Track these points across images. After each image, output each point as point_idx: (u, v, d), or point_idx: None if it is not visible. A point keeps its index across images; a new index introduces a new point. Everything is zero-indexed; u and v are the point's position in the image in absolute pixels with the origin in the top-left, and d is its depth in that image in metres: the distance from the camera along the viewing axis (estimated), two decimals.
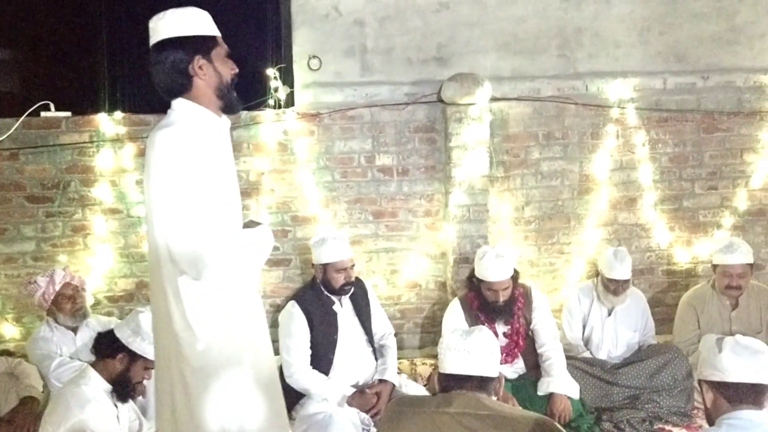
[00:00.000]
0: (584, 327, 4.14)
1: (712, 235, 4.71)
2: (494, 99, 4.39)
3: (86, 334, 3.66)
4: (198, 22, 2.24)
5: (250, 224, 2.36)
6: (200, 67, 2.21)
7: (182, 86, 2.22)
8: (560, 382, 3.68)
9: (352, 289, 3.74)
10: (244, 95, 2.48)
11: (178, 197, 2.10)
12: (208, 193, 2.14)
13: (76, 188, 4.23)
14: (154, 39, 2.23)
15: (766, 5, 4.64)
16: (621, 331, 4.08)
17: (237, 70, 2.31)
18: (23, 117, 4.08)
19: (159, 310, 2.27)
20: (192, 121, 2.20)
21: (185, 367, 2.22)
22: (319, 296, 3.71)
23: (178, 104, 2.24)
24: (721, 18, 4.62)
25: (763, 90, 4.67)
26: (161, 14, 2.22)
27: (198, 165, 2.13)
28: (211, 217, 2.13)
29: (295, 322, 3.62)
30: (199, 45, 2.21)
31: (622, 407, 3.76)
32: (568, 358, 3.84)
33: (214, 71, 2.24)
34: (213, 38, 2.26)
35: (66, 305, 3.65)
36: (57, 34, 5.16)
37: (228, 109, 2.32)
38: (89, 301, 3.84)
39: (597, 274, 4.15)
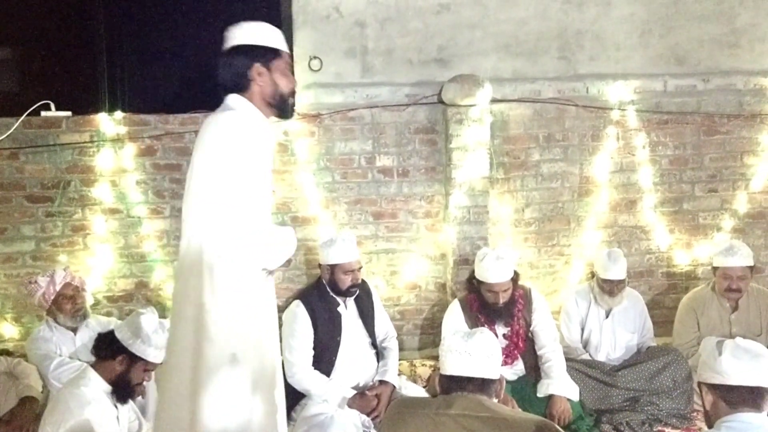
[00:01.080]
0: (582, 329, 4.14)
1: (712, 237, 4.71)
2: (495, 100, 4.39)
3: (86, 335, 3.66)
4: (266, 36, 2.47)
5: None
6: (258, 74, 2.43)
7: (240, 86, 2.44)
8: (560, 384, 3.68)
9: (358, 291, 3.74)
10: None
11: (225, 175, 2.28)
12: (250, 181, 2.34)
13: (76, 188, 4.22)
14: (228, 44, 2.46)
15: (766, 8, 4.65)
16: (619, 332, 4.08)
17: (295, 86, 2.56)
18: (23, 116, 4.08)
19: (188, 283, 2.35)
20: (248, 114, 2.42)
21: (205, 346, 2.30)
22: (325, 297, 3.71)
23: (234, 99, 2.45)
24: (722, 20, 4.62)
25: (764, 93, 4.68)
26: (239, 24, 2.47)
27: (249, 152, 2.34)
28: (249, 202, 2.33)
29: (299, 321, 3.62)
30: (261, 54, 2.44)
31: (622, 409, 3.77)
32: (567, 360, 3.84)
33: (270, 80, 2.45)
34: (276, 51, 2.48)
35: (66, 305, 3.65)
36: (57, 34, 5.16)
37: (279, 114, 2.54)
38: (89, 301, 3.84)
39: (593, 275, 4.15)
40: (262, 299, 2.44)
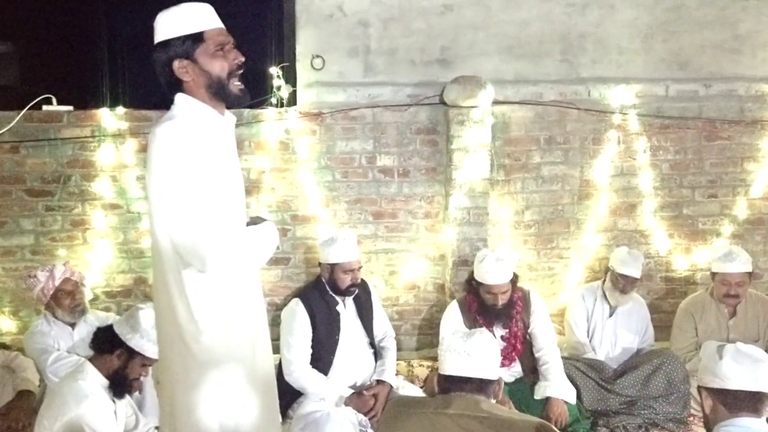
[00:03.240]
0: (587, 324, 4.15)
1: (711, 242, 4.72)
2: (496, 102, 4.39)
3: (84, 329, 3.65)
4: (183, 22, 2.17)
5: (256, 220, 2.35)
6: (182, 69, 2.17)
7: (175, 85, 2.21)
8: (557, 387, 3.68)
9: (357, 291, 3.73)
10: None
11: (178, 190, 2.09)
12: (207, 187, 2.12)
13: (76, 183, 4.22)
14: (155, 40, 2.22)
15: None
16: (621, 333, 4.11)
17: (238, 60, 2.22)
18: (25, 110, 4.07)
19: (161, 304, 2.26)
20: (191, 116, 2.18)
21: (190, 361, 2.22)
22: (324, 296, 3.70)
23: (179, 99, 2.22)
24: (724, 26, 4.62)
25: (765, 99, 4.68)
26: (160, 14, 2.20)
27: (197, 158, 2.11)
28: (211, 210, 2.12)
29: (298, 319, 3.61)
30: (178, 47, 2.16)
31: (619, 413, 3.78)
32: (571, 358, 3.85)
33: (199, 70, 2.17)
34: (196, 36, 2.16)
35: (65, 301, 3.63)
36: (59, 28, 5.15)
37: (227, 102, 2.26)
38: (88, 296, 3.83)
39: (606, 272, 4.17)
40: (247, 300, 2.32)
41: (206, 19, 2.19)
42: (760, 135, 4.70)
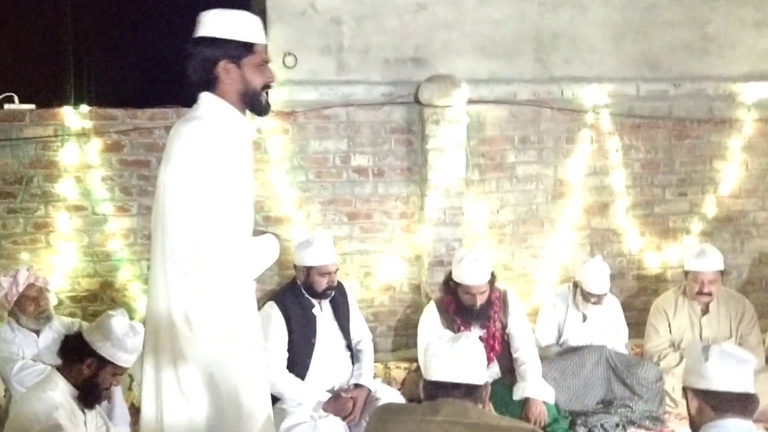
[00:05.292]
0: (560, 332, 4.14)
1: (682, 240, 4.77)
2: (471, 102, 4.37)
3: (49, 336, 3.53)
4: (240, 27, 2.24)
5: (257, 233, 2.38)
6: (226, 71, 2.23)
7: (208, 82, 2.26)
8: (535, 387, 3.67)
9: (333, 293, 3.67)
10: None
11: (197, 191, 2.12)
12: (226, 192, 2.16)
13: (39, 184, 4.08)
14: (196, 33, 2.25)
15: (737, 15, 4.73)
16: (596, 337, 4.09)
17: (273, 80, 2.34)
18: None
19: (157, 300, 2.25)
20: (218, 117, 2.24)
21: (180, 363, 2.22)
22: (299, 298, 3.63)
23: (205, 98, 2.27)
24: (693, 27, 4.68)
25: (733, 98, 4.75)
26: (211, 11, 2.25)
27: (221, 162, 2.16)
28: (225, 215, 2.15)
29: (273, 323, 3.54)
30: (231, 49, 2.23)
31: (596, 412, 3.79)
32: (543, 358, 3.85)
33: (240, 77, 2.25)
34: (249, 45, 2.25)
35: (29, 307, 3.50)
36: (22, 24, 4.97)
37: (254, 111, 2.35)
38: (53, 302, 3.70)
39: (574, 283, 4.14)
40: (244, 307, 2.34)
41: (259, 33, 2.30)
42: (728, 134, 4.77)
